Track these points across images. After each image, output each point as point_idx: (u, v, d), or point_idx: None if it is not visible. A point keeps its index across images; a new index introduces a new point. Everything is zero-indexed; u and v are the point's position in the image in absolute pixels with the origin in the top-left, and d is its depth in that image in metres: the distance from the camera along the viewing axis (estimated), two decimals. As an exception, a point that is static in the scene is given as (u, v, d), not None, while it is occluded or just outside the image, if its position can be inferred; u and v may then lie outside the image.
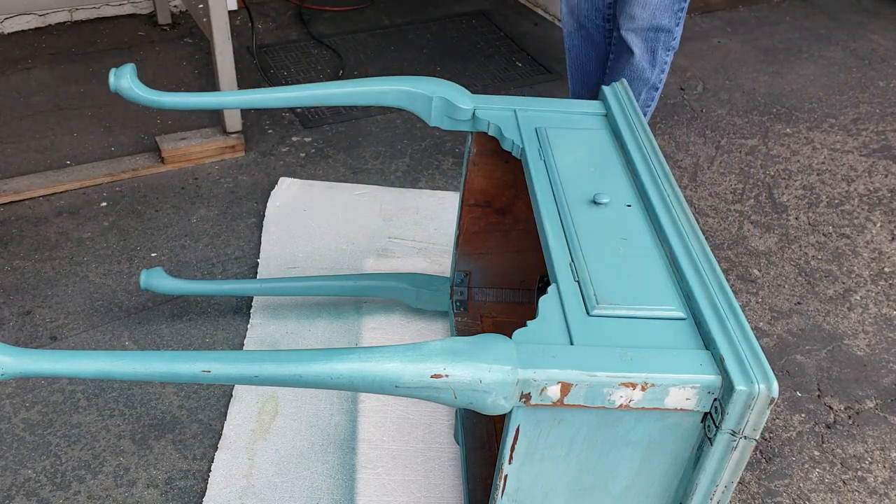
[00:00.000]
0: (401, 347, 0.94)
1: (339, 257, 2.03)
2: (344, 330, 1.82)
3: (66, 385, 1.68)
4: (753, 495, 1.56)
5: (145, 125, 2.48)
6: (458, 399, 0.93)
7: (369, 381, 0.92)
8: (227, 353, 0.97)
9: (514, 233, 1.67)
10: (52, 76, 2.69)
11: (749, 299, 2.01)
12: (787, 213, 2.31)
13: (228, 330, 1.82)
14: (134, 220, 2.12)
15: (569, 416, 0.95)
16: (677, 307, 1.01)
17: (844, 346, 1.90)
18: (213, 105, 1.57)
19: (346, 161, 2.40)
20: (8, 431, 1.58)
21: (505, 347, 0.93)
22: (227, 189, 2.25)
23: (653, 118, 2.67)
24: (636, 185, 1.24)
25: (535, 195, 1.21)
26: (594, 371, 0.90)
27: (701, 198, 2.35)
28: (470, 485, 1.40)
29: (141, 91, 1.36)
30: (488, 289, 1.76)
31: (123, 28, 3.01)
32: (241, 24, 3.01)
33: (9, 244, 2.02)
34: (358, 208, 2.20)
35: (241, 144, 2.38)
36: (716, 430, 0.92)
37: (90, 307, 1.86)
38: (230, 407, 1.64)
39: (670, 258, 1.09)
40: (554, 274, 1.06)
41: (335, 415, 1.63)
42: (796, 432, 1.69)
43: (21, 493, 1.48)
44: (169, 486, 1.50)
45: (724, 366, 0.91)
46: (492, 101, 1.42)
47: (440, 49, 3.03)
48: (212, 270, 1.98)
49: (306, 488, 1.49)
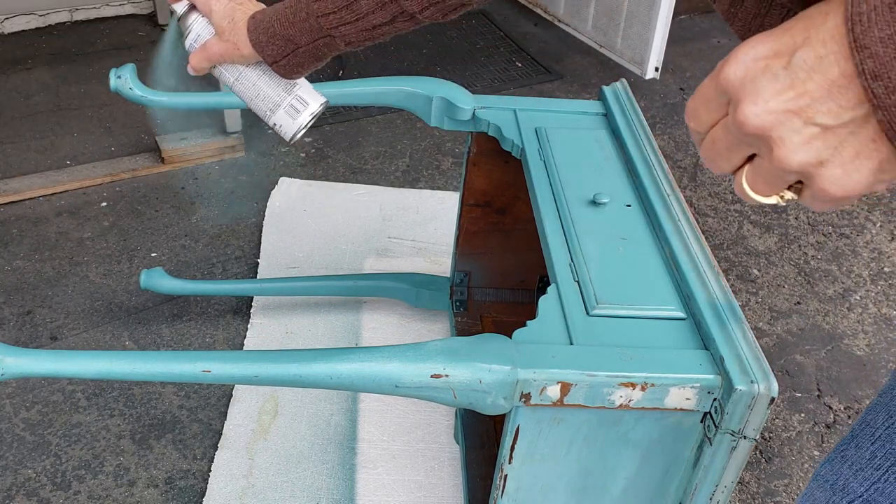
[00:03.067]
0: (401, 347, 0.94)
1: (339, 257, 2.03)
2: (344, 330, 1.82)
3: (66, 385, 1.68)
4: (753, 495, 1.56)
5: (145, 125, 2.48)
6: (458, 399, 0.93)
7: (369, 381, 0.93)
8: (227, 353, 0.97)
9: (514, 233, 1.67)
10: (52, 76, 2.69)
11: (749, 299, 2.01)
12: (787, 212, 2.31)
13: (228, 330, 1.82)
14: (134, 220, 2.12)
15: (569, 416, 0.95)
16: (677, 307, 1.01)
17: (844, 345, 1.90)
18: (213, 105, 1.57)
19: (345, 161, 2.40)
20: (8, 431, 1.58)
21: (505, 347, 0.93)
22: (227, 189, 2.25)
23: (653, 118, 2.67)
24: (636, 185, 1.24)
25: (534, 195, 1.21)
26: (594, 371, 0.90)
27: (701, 198, 2.35)
28: (470, 485, 1.40)
29: (141, 91, 1.36)
30: (488, 289, 1.76)
31: (123, 28, 3.01)
32: (240, 24, 3.01)
33: (9, 244, 2.02)
34: (358, 208, 2.20)
35: (241, 144, 2.38)
36: (715, 430, 0.92)
37: (90, 307, 1.86)
38: (230, 407, 1.64)
39: (670, 258, 1.09)
40: (554, 274, 1.06)
41: (335, 415, 1.63)
42: (796, 432, 1.69)
43: (21, 493, 1.48)
44: (169, 486, 1.50)
45: (724, 366, 0.91)
46: (492, 101, 1.42)
47: (440, 49, 3.03)
48: (212, 270, 1.98)
49: (306, 488, 1.49)
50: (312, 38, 0.87)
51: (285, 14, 0.87)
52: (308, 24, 0.86)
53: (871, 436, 0.67)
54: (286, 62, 0.89)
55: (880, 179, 0.44)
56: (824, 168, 0.44)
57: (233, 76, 0.95)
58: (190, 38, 0.95)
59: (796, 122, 0.43)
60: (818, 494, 0.72)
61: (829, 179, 0.44)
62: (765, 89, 0.44)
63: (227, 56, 0.92)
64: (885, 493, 0.65)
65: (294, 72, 0.91)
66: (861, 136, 0.42)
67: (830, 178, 0.44)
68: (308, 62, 0.90)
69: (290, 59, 0.89)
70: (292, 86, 0.94)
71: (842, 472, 0.70)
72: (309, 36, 0.87)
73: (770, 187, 0.48)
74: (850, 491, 0.68)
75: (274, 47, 0.88)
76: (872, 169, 0.43)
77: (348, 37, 0.85)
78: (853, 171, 0.43)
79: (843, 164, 0.43)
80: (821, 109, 0.42)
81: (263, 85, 0.94)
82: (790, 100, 0.43)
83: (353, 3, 0.83)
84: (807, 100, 0.42)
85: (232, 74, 0.95)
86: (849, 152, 0.43)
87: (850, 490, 0.68)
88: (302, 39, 0.87)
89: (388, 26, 0.83)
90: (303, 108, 0.94)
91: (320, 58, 0.89)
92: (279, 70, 0.91)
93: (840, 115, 0.42)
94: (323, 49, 0.88)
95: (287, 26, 0.87)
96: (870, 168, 0.43)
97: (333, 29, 0.85)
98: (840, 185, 0.44)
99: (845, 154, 0.43)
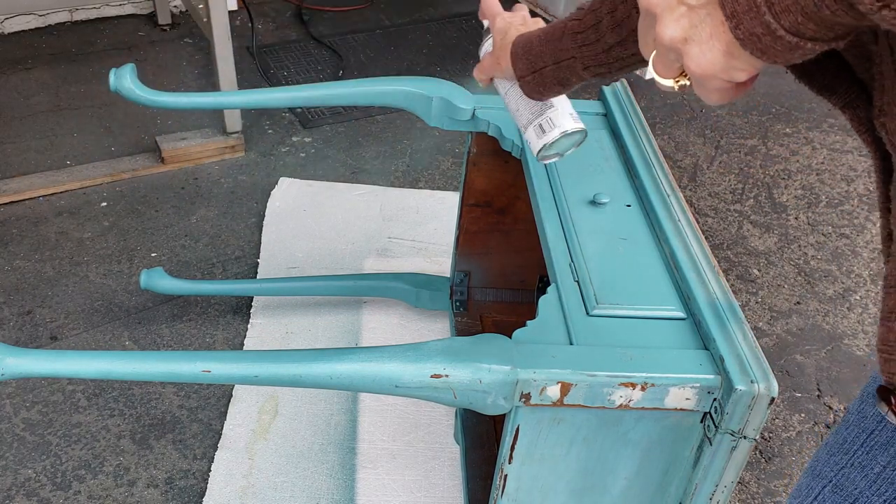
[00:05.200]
0: (401, 347, 0.94)
1: (339, 257, 2.03)
2: (344, 330, 1.82)
3: (66, 385, 1.68)
4: (753, 495, 1.56)
5: (145, 125, 2.48)
6: (458, 399, 0.93)
7: (369, 381, 0.93)
8: (227, 353, 0.97)
9: (514, 233, 1.67)
10: (52, 76, 2.69)
11: (749, 299, 2.01)
12: (787, 212, 2.31)
13: (228, 330, 1.82)
14: (134, 220, 2.12)
15: (569, 416, 0.95)
16: (677, 307, 1.01)
17: (844, 345, 1.90)
18: (213, 105, 1.57)
19: (346, 161, 2.40)
20: (8, 431, 1.58)
21: (505, 347, 0.93)
22: (227, 189, 2.25)
23: (652, 118, 2.67)
24: (636, 185, 1.24)
25: (534, 195, 1.21)
26: (594, 371, 0.90)
27: (701, 198, 2.35)
28: (470, 485, 1.40)
29: (141, 91, 1.36)
30: (488, 289, 1.76)
31: (123, 28, 3.01)
32: (241, 24, 3.01)
33: (9, 244, 2.02)
34: (358, 208, 2.20)
35: (241, 144, 2.38)
36: (715, 430, 0.92)
37: (90, 307, 1.86)
38: (230, 407, 1.64)
39: (670, 258, 1.09)
40: (554, 274, 1.06)
41: (335, 415, 1.63)
42: (796, 432, 1.69)
43: (21, 493, 1.48)
44: (169, 486, 1.50)
45: (724, 366, 0.91)
46: (492, 101, 1.42)
47: (440, 49, 3.03)
48: (212, 270, 1.98)
49: (306, 488, 1.49)
50: (559, 58, 0.89)
51: (546, 33, 0.90)
52: (560, 44, 0.88)
53: (845, 421, 0.68)
54: (532, 79, 0.92)
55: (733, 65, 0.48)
56: (688, 45, 0.49)
57: (503, 90, 0.99)
58: (482, 49, 1.02)
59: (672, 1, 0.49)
60: (803, 480, 0.73)
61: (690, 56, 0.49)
62: None
63: (493, 69, 0.97)
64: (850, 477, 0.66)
65: (536, 91, 0.93)
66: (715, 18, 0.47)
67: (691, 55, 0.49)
68: (551, 84, 0.91)
69: (535, 76, 0.91)
70: (547, 107, 0.97)
71: (819, 457, 0.71)
72: (556, 56, 0.89)
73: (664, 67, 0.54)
74: (824, 476, 0.69)
75: (525, 63, 0.91)
76: (722, 51, 0.48)
77: (587, 59, 0.87)
78: (707, 51, 0.48)
79: (700, 43, 0.48)
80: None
81: (523, 101, 0.97)
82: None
83: (598, 23, 0.85)
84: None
85: (503, 88, 0.99)
86: (706, 31, 0.48)
87: (824, 475, 0.69)
88: (550, 59, 0.89)
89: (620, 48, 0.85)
90: (550, 129, 0.96)
91: (563, 82, 0.91)
92: (523, 87, 0.93)
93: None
94: (566, 72, 0.89)
95: (544, 44, 0.89)
96: (720, 49, 0.48)
97: (577, 49, 0.87)
98: (697, 62, 0.49)
99: (703, 33, 0.48)
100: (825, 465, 0.69)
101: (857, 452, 0.65)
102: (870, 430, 0.65)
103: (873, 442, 0.64)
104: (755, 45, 0.46)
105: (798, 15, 0.43)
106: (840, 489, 0.67)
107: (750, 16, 0.45)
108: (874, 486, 0.63)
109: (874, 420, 0.64)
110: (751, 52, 0.47)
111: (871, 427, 0.64)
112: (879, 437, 0.63)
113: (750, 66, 0.48)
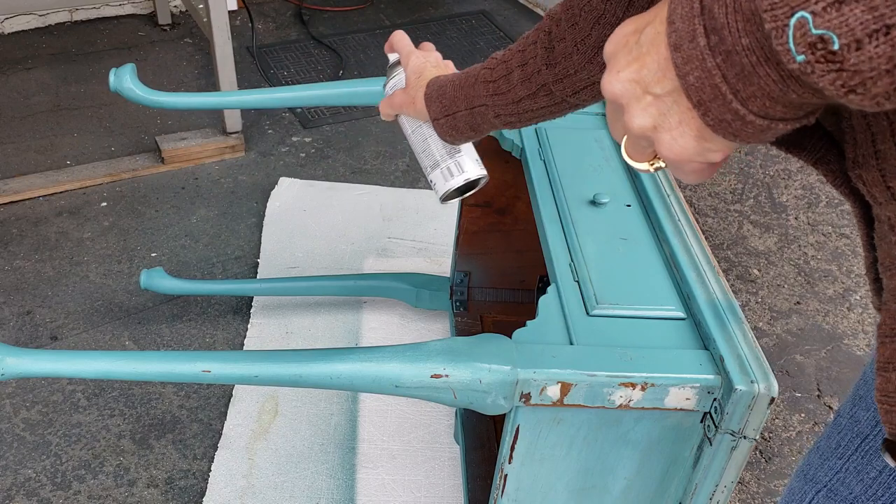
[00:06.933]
0: (401, 347, 0.94)
1: (339, 257, 2.03)
2: (344, 330, 1.82)
3: (66, 385, 1.68)
4: (753, 495, 1.56)
5: (145, 125, 2.48)
6: (458, 399, 0.93)
7: (369, 381, 0.93)
8: (227, 353, 0.97)
9: (514, 233, 1.67)
10: (52, 76, 2.69)
11: (749, 299, 2.01)
12: (787, 212, 2.31)
13: (228, 330, 1.82)
14: (134, 220, 2.12)
15: (569, 416, 0.95)
16: (677, 307, 1.01)
17: (844, 345, 1.90)
18: (213, 105, 1.57)
19: (346, 161, 2.40)
20: (8, 431, 1.58)
21: (505, 347, 0.93)
22: (227, 189, 2.25)
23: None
24: (636, 185, 1.24)
25: (534, 195, 1.21)
26: (594, 371, 0.90)
27: (701, 198, 2.35)
28: (470, 485, 1.40)
29: (141, 91, 1.36)
30: (488, 289, 1.76)
31: (123, 28, 3.01)
32: (241, 24, 3.01)
33: (9, 244, 2.02)
34: (358, 208, 2.20)
35: (241, 144, 2.38)
36: (715, 430, 0.92)
37: (90, 307, 1.86)
38: (230, 407, 1.64)
39: (670, 258, 1.09)
40: (554, 274, 1.06)
41: (335, 415, 1.63)
42: (796, 432, 1.69)
43: (21, 493, 1.48)
44: (169, 486, 1.50)
45: (724, 366, 0.91)
46: (492, 101, 1.42)
47: (440, 49, 3.02)
48: (212, 270, 1.98)
49: (306, 488, 1.50)
50: (471, 104, 0.90)
51: (460, 78, 0.91)
52: (473, 91, 0.89)
53: (837, 425, 0.68)
54: (445, 122, 0.93)
55: (706, 148, 0.47)
56: (658, 133, 0.48)
57: (410, 128, 1.00)
58: (388, 85, 1.02)
59: (637, 90, 0.48)
60: (794, 484, 0.73)
61: (662, 143, 0.48)
62: (619, 61, 0.49)
63: (405, 107, 0.97)
64: (845, 482, 0.66)
65: (449, 134, 0.94)
66: (682, 105, 0.46)
67: (663, 142, 0.48)
68: (464, 129, 0.92)
69: (448, 120, 0.92)
70: (456, 151, 0.98)
71: (811, 462, 0.71)
72: (469, 102, 0.90)
73: (636, 152, 0.53)
74: (818, 480, 0.69)
75: (439, 106, 0.92)
76: (694, 136, 0.47)
77: (498, 108, 0.88)
78: (679, 137, 0.47)
79: (670, 130, 0.47)
80: (654, 79, 0.47)
81: (432, 142, 0.98)
82: (635, 71, 0.48)
83: (510, 73, 0.86)
84: (645, 71, 0.47)
85: (410, 126, 1.00)
86: (674, 118, 0.47)
87: (818, 480, 0.69)
88: (463, 104, 0.90)
89: (530, 100, 0.86)
90: (458, 173, 0.97)
91: (475, 128, 0.92)
92: (437, 129, 0.94)
93: (664, 85, 0.46)
94: (478, 118, 0.91)
95: (457, 89, 0.91)
96: (691, 135, 0.47)
97: (489, 97, 0.88)
98: (671, 148, 0.48)
99: (672, 120, 0.47)
100: (818, 469, 0.69)
101: (852, 457, 0.65)
102: (864, 435, 0.64)
103: (868, 447, 0.64)
104: (726, 130, 0.45)
105: (765, 100, 0.43)
106: (834, 494, 0.67)
107: (717, 103, 0.44)
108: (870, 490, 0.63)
109: (868, 424, 0.64)
110: (723, 136, 0.46)
111: (865, 431, 0.64)
112: (874, 442, 0.63)
113: (724, 147, 0.48)
